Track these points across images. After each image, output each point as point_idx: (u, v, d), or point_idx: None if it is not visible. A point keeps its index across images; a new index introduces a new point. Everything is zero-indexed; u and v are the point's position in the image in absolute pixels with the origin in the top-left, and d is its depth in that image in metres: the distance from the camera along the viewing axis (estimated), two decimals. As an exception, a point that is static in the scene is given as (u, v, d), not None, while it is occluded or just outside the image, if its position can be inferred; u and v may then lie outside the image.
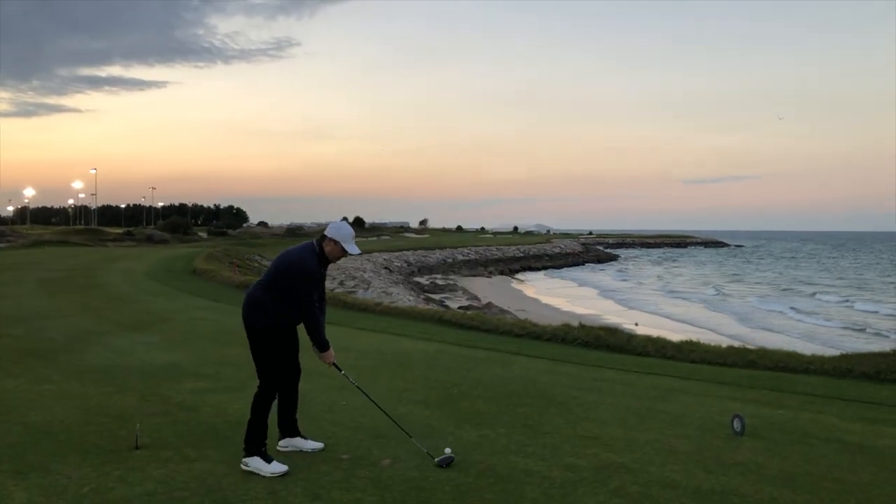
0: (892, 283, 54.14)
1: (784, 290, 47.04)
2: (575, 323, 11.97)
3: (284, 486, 4.71)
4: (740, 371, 9.06)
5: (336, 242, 5.23)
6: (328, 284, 20.70)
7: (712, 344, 10.46)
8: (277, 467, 4.96)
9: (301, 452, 5.38)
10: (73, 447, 5.44)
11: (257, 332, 5.21)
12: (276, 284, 5.20)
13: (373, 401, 5.71)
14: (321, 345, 5.36)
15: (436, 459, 5.15)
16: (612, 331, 11.10)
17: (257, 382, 5.26)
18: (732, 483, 4.91)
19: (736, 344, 10.90)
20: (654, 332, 12.32)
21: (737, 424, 6.08)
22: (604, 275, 59.82)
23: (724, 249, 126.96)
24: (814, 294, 43.30)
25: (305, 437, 5.53)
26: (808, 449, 5.77)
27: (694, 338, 11.27)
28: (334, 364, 5.47)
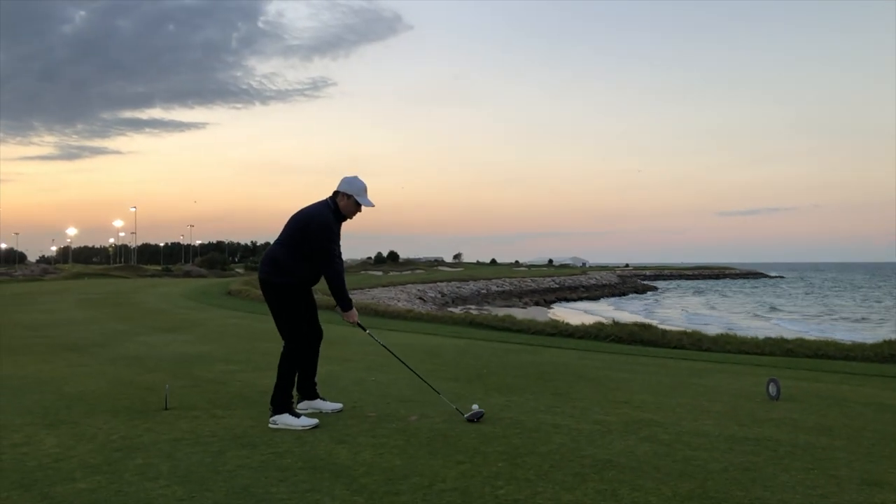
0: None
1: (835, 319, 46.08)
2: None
3: (311, 434, 4.68)
4: (778, 358, 8.85)
5: (349, 196, 5.18)
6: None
7: (749, 336, 10.25)
8: (307, 421, 4.92)
9: (322, 413, 5.33)
10: (104, 408, 5.49)
11: (275, 288, 5.16)
12: (292, 240, 5.14)
13: (399, 359, 5.69)
14: (344, 302, 5.25)
15: (465, 415, 5.09)
16: (646, 326, 10.95)
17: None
18: (767, 433, 4.77)
19: (773, 335, 10.67)
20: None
21: (772, 389, 5.92)
22: (643, 304, 59.05)
23: (764, 280, 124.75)
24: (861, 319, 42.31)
25: (325, 399, 5.49)
26: (846, 409, 5.59)
27: (731, 333, 11.06)
28: (358, 324, 5.37)
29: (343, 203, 5.21)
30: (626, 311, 43.21)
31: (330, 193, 5.27)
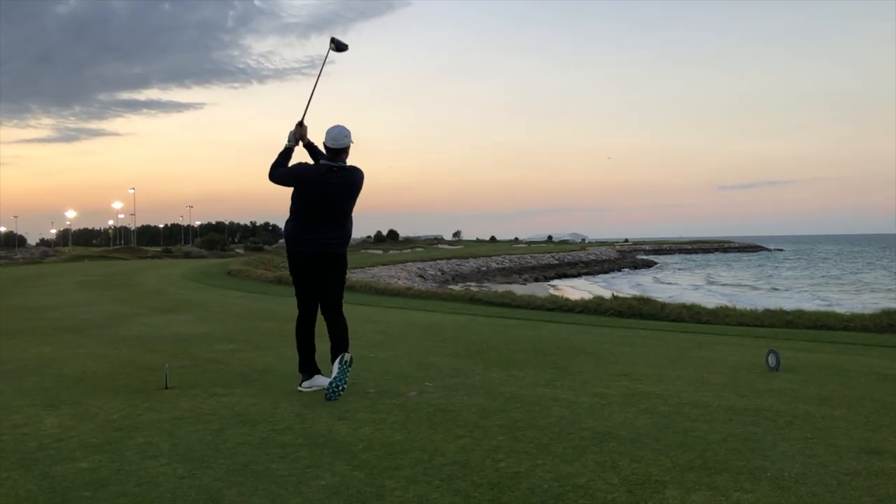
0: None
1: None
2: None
3: (311, 411, 4.69)
4: (777, 330, 8.86)
5: (328, 147, 5.27)
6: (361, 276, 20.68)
7: (748, 308, 10.26)
8: (307, 383, 5.26)
9: (323, 390, 5.31)
10: (104, 389, 5.50)
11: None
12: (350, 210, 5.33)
13: None
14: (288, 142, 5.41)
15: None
16: (645, 300, 10.97)
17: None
18: (766, 403, 4.78)
19: (773, 307, 10.68)
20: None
21: (772, 360, 5.93)
22: (643, 278, 59.13)
23: (764, 254, 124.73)
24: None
25: (325, 376, 5.47)
26: (846, 379, 5.60)
27: (730, 305, 11.07)
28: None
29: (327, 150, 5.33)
30: (625, 286, 43.47)
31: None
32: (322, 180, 5.12)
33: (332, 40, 5.47)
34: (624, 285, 44.96)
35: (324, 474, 3.38)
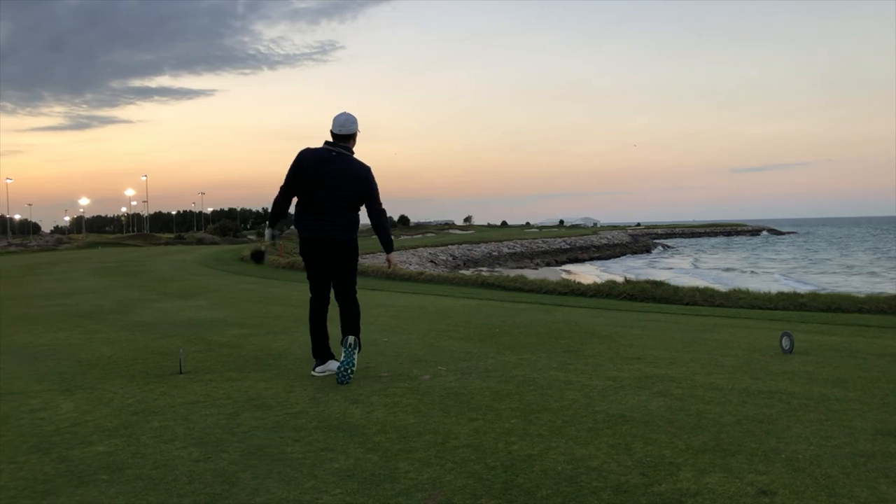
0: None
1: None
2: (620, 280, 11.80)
3: (325, 395, 4.71)
4: (791, 312, 8.81)
5: (334, 133, 5.25)
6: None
7: (762, 291, 10.20)
8: (320, 368, 5.26)
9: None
10: (119, 373, 5.54)
11: (356, 245, 5.34)
12: (358, 200, 5.28)
13: None
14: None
15: None
16: (658, 283, 10.91)
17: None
18: (780, 385, 4.76)
19: (786, 290, 10.62)
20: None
21: (786, 342, 5.91)
22: (656, 262, 58.89)
23: (777, 236, 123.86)
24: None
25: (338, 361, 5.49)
26: (860, 361, 5.57)
27: (743, 287, 11.02)
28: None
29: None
30: (636, 269, 43.55)
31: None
32: (317, 163, 5.11)
33: (252, 255, 5.48)
34: (617, 269, 45.05)
35: (338, 457, 3.40)
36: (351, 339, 5.09)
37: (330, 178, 5.10)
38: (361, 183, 5.19)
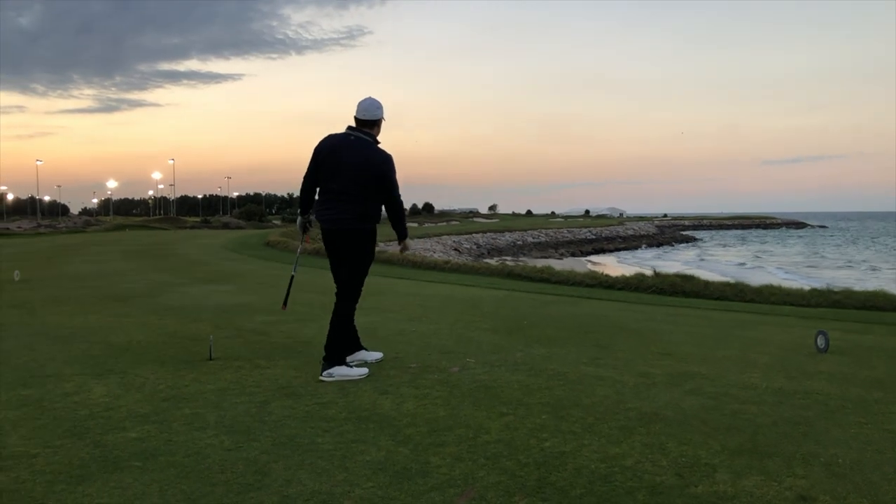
0: None
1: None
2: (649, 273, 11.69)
3: (354, 385, 4.70)
4: (825, 310, 8.67)
5: (358, 119, 5.06)
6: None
7: (794, 287, 10.05)
8: (361, 370, 4.98)
9: (367, 363, 5.32)
10: (150, 358, 5.57)
11: (370, 235, 5.16)
12: (368, 190, 5.04)
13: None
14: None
15: None
16: (689, 277, 10.80)
17: (329, 315, 5.13)
18: (817, 386, 4.67)
19: (820, 286, 10.45)
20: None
21: (821, 341, 5.80)
22: (684, 255, 58.12)
23: (808, 230, 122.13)
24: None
25: (367, 350, 5.48)
26: (899, 363, 5.46)
27: (776, 283, 10.86)
28: None
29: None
30: (666, 262, 43.31)
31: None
32: (335, 150, 4.95)
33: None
34: (631, 259, 45.10)
35: (369, 449, 3.38)
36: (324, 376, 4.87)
37: (345, 166, 4.92)
38: (378, 171, 4.94)
